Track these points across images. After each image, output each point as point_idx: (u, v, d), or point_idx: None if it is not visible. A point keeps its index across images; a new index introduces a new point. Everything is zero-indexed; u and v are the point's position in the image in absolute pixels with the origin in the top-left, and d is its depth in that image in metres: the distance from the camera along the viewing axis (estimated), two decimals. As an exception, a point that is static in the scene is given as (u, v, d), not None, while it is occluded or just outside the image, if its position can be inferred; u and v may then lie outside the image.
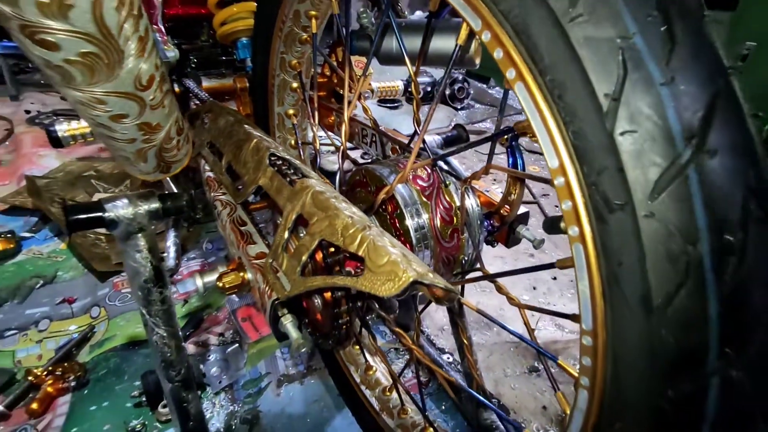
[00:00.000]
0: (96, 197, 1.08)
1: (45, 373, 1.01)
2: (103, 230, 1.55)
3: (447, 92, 3.01)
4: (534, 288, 1.46)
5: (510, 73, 0.33)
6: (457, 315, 0.73)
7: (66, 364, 1.04)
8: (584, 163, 0.28)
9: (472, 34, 0.36)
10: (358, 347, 0.89)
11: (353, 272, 0.51)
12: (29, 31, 0.34)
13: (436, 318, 1.31)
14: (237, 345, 1.15)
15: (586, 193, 0.29)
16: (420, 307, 0.78)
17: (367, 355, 0.87)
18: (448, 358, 1.17)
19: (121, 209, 0.57)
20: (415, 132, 0.60)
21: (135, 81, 0.45)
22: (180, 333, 0.68)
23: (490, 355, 1.20)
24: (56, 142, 0.84)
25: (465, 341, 0.65)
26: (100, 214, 0.56)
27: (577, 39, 0.26)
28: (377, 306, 0.57)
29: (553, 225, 0.45)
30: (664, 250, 0.25)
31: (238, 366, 1.10)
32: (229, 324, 1.22)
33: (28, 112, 2.59)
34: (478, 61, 0.86)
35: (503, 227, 0.63)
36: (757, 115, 0.24)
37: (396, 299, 0.64)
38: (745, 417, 0.27)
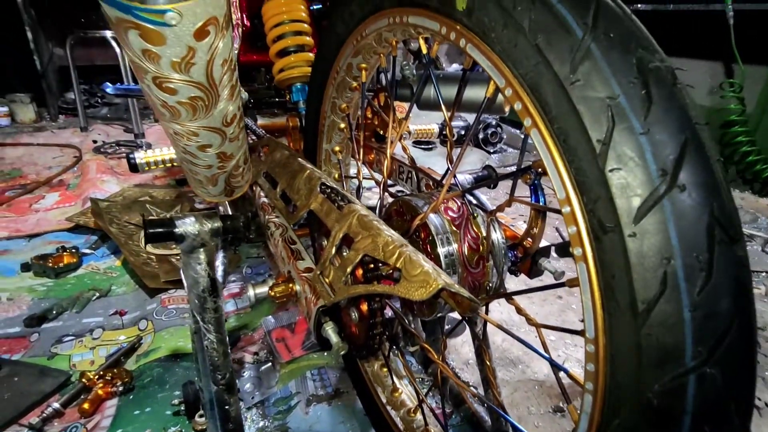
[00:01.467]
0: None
1: (96, 377, 1.09)
2: (153, 250, 1.68)
3: (480, 136, 3.12)
4: (560, 329, 1.47)
5: (527, 122, 0.41)
6: (481, 341, 0.78)
7: (115, 370, 1.12)
8: (584, 194, 0.35)
9: (497, 89, 0.44)
10: (386, 369, 0.94)
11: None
12: (159, 81, 0.46)
13: (462, 352, 1.34)
14: (270, 364, 1.21)
15: (587, 218, 0.36)
16: (446, 332, 0.83)
17: (394, 378, 0.92)
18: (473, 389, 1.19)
19: (189, 226, 0.67)
20: (448, 168, 0.68)
21: (223, 119, 0.56)
22: (227, 340, 0.75)
23: (514, 392, 1.21)
24: (134, 167, 0.97)
25: (488, 363, 0.70)
26: (172, 229, 0.66)
27: (576, 97, 0.34)
28: (407, 322, 0.64)
29: (564, 250, 0.50)
30: (646, 264, 0.31)
31: (270, 384, 1.15)
32: (264, 344, 1.29)
33: (94, 141, 2.87)
34: (507, 109, 0.95)
35: (526, 258, 0.69)
36: (720, 160, 0.30)
37: (423, 318, 0.70)
38: (720, 409, 0.32)
